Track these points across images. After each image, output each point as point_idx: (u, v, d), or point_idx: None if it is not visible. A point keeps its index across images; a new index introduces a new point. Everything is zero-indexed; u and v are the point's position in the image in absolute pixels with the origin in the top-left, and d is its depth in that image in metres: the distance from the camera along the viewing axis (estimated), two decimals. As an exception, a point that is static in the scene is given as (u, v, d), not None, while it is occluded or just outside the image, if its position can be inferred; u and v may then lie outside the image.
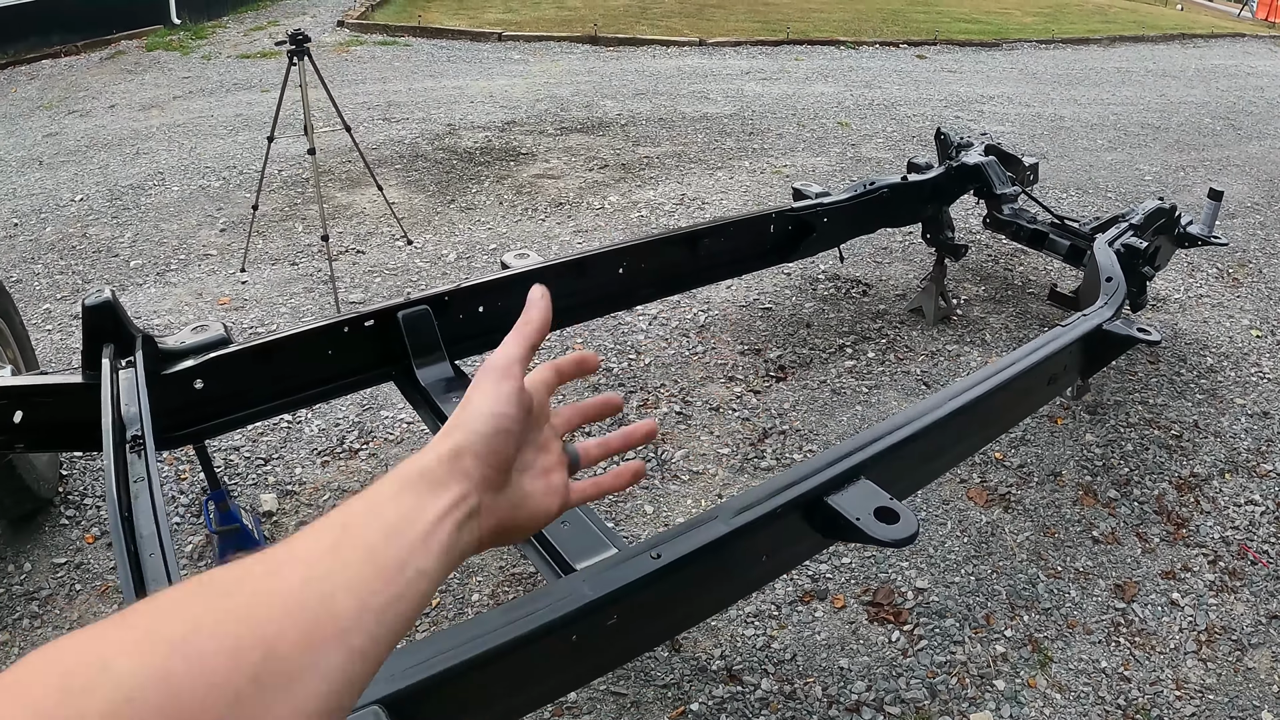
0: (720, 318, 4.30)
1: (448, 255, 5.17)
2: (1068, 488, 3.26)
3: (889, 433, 2.12)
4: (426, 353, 2.60)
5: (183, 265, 5.11)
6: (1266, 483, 3.42)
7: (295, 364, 2.42)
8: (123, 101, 8.84)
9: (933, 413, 2.21)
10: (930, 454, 2.29)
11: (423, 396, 2.53)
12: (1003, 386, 2.42)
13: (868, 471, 2.00)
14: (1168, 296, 4.92)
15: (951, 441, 2.34)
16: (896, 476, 2.18)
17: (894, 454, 2.10)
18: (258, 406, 2.40)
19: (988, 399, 2.38)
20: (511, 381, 0.67)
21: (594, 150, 6.86)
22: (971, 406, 2.31)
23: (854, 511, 1.87)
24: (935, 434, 2.22)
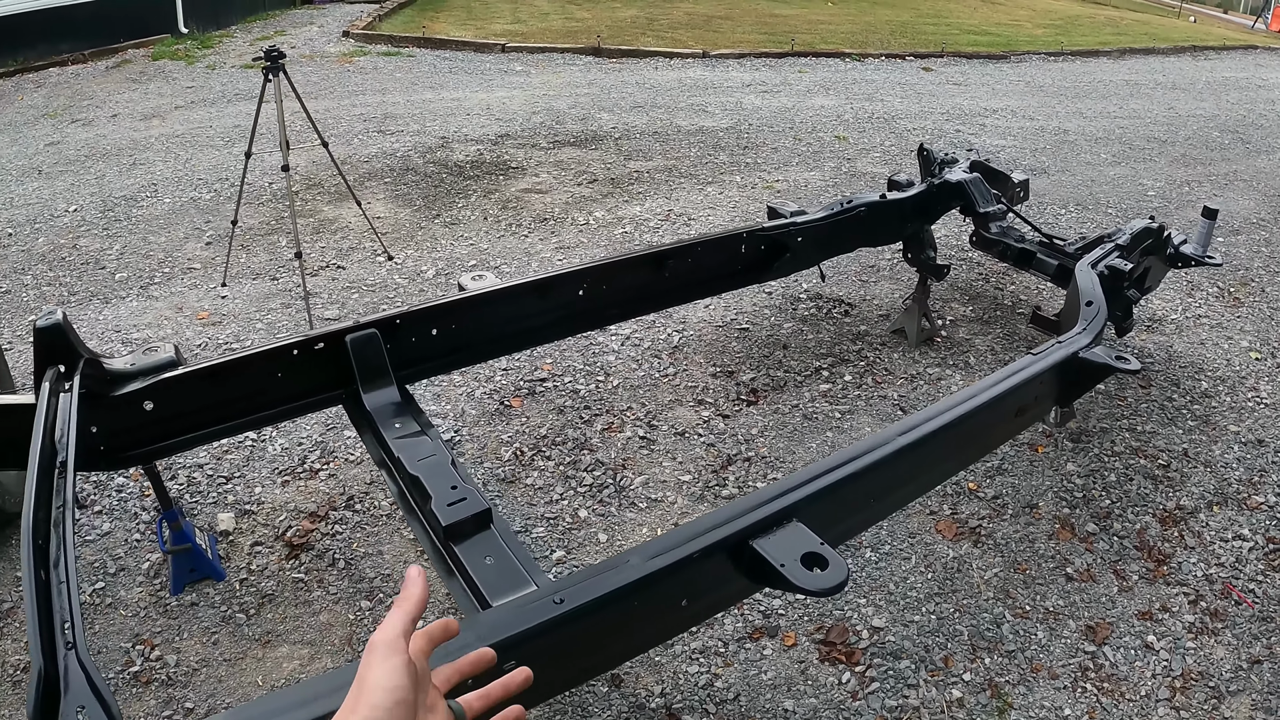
0: (695, 338, 4.19)
1: (427, 271, 5.10)
2: (1044, 520, 3.13)
3: (826, 472, 2.00)
4: (374, 377, 2.53)
5: (166, 279, 5.08)
6: (1257, 516, 3.27)
7: (245, 386, 2.37)
8: (125, 111, 8.87)
9: (877, 451, 2.09)
10: (876, 493, 2.17)
11: (368, 422, 2.45)
12: (960, 422, 2.30)
13: (801, 513, 1.89)
14: (1164, 317, 4.77)
15: (900, 480, 2.22)
16: (835, 518, 2.07)
17: (831, 495, 1.98)
18: (208, 428, 2.36)
19: (942, 435, 2.26)
20: (400, 655, 0.74)
21: (585, 164, 6.78)
22: (922, 444, 2.19)
23: (779, 557, 1.76)
24: (880, 473, 2.11)
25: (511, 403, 3.80)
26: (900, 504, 2.41)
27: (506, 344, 3.02)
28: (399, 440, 2.32)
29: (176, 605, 2.61)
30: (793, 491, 1.93)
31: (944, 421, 2.25)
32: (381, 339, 2.54)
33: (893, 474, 2.17)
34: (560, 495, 3.25)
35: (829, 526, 2.02)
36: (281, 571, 2.78)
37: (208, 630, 2.53)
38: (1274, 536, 3.16)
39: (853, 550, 2.94)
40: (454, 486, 2.06)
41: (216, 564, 2.73)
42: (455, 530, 1.94)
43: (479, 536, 1.96)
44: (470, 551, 1.93)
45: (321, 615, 2.62)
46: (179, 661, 2.45)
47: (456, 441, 3.56)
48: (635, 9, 15.28)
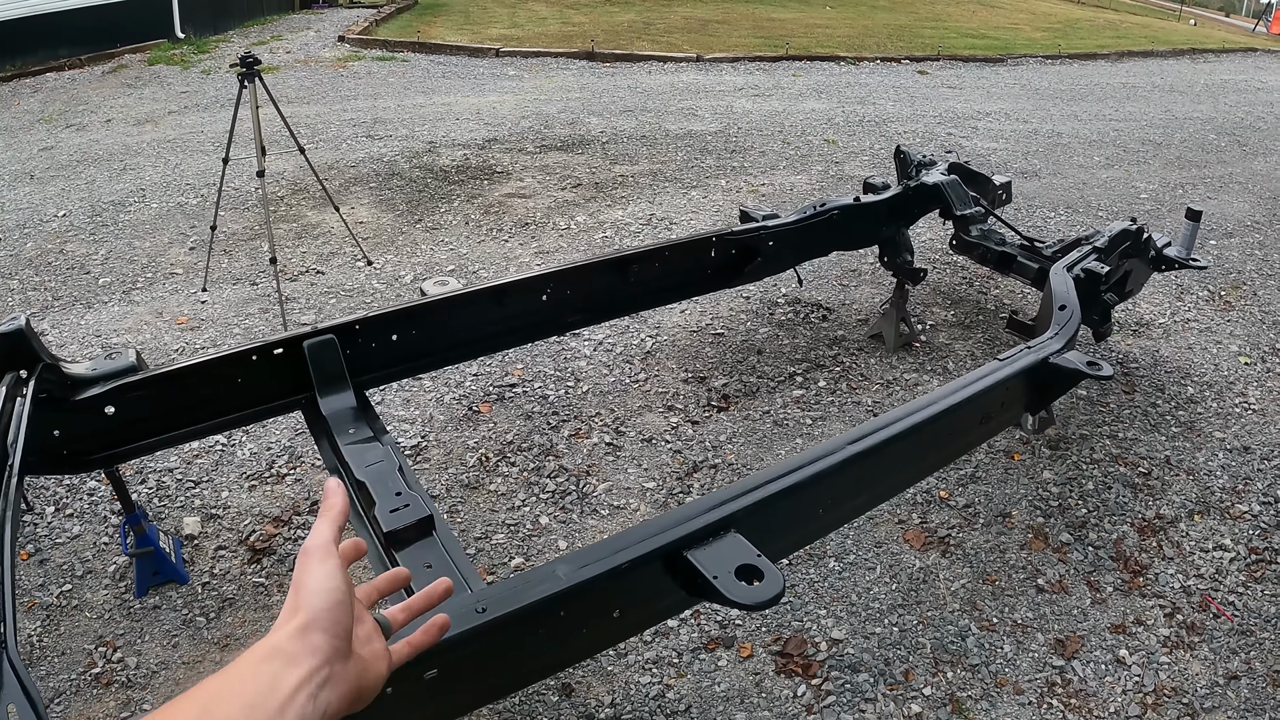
0: (668, 343, 4.12)
1: (405, 277, 5.04)
2: (1016, 530, 3.04)
3: (768, 482, 1.93)
4: (331, 383, 2.50)
5: (148, 284, 5.05)
6: (1240, 526, 3.17)
7: (205, 391, 2.36)
8: (119, 116, 8.88)
9: (823, 460, 2.02)
10: (825, 504, 2.09)
11: (323, 428, 2.40)
12: (916, 430, 2.22)
13: (740, 524, 1.82)
14: (1152, 321, 4.68)
15: (851, 491, 2.14)
16: (779, 530, 1.99)
17: (772, 506, 1.91)
18: (169, 433, 2.35)
19: (897, 444, 2.18)
20: (332, 559, 0.76)
21: (570, 169, 6.72)
22: (874, 453, 2.12)
23: (713, 569, 1.70)
24: (827, 484, 2.03)
25: (480, 408, 3.74)
26: (854, 515, 2.32)
27: (467, 350, 2.98)
28: (350, 446, 2.27)
29: (140, 608, 2.61)
30: (732, 501, 1.86)
31: (898, 430, 2.17)
32: (339, 344, 2.51)
33: (842, 484, 2.09)
34: (522, 502, 3.18)
35: (772, 538, 1.95)
36: (243, 576, 2.77)
37: (169, 633, 2.53)
38: (1257, 547, 3.07)
39: (816, 559, 2.86)
40: (398, 493, 2.02)
41: (180, 567, 2.72)
42: (396, 536, 1.90)
43: (421, 543, 1.92)
44: (411, 558, 1.89)
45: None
46: (139, 664, 2.44)
47: (423, 447, 3.50)
48: (633, 13, 15.26)
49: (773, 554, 2.08)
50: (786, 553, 2.14)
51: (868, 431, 2.13)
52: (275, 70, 10.84)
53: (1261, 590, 2.89)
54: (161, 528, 2.91)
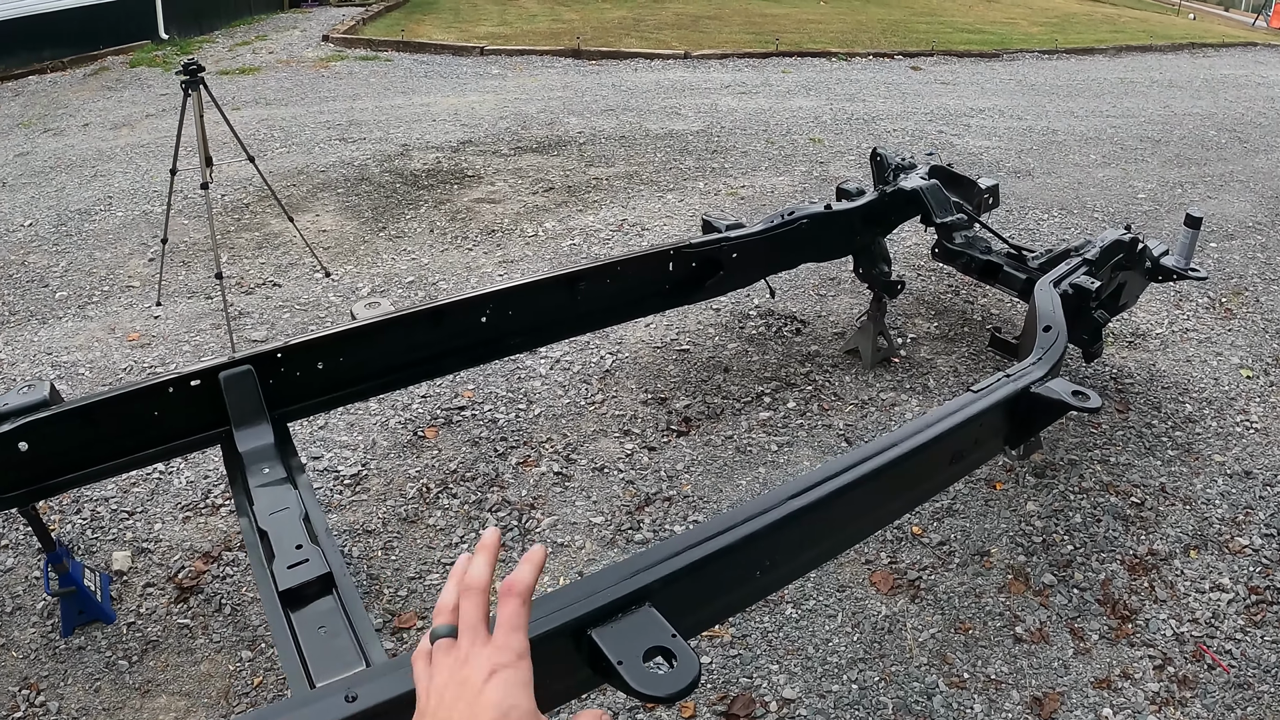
0: (630, 361, 3.87)
1: (362, 289, 4.81)
2: (995, 570, 2.78)
3: (691, 546, 1.68)
4: (247, 417, 2.33)
5: (104, 297, 4.85)
6: (1239, 562, 2.91)
7: (121, 425, 2.24)
8: (97, 120, 8.69)
9: (760, 518, 1.77)
10: (761, 565, 1.84)
11: (238, 466, 2.23)
12: (874, 476, 1.97)
13: (656, 596, 1.58)
14: (1148, 331, 4.41)
15: (793, 549, 1.88)
16: (706, 598, 1.75)
17: (697, 573, 1.66)
18: (86, 469, 2.24)
19: (851, 493, 1.93)
20: None
21: (544, 172, 6.47)
22: (823, 506, 1.87)
23: (619, 651, 1.46)
24: (764, 544, 1.78)
25: (426, 433, 3.50)
26: (803, 571, 2.08)
27: (401, 377, 2.80)
28: (260, 488, 2.11)
29: (65, 648, 2.49)
30: (646, 571, 1.61)
31: (850, 479, 1.92)
32: (257, 375, 2.35)
33: (783, 543, 1.85)
34: (461, 538, 2.96)
35: (695, 609, 1.72)
36: (169, 616, 2.62)
37: (91, 676, 2.41)
38: (1257, 586, 2.81)
39: (772, 606, 2.61)
40: (299, 545, 1.85)
41: (106, 606, 2.61)
42: (292, 595, 1.74)
43: (318, 603, 1.75)
44: (305, 619, 1.72)
45: (202, 665, 2.46)
46: (61, 709, 2.33)
47: (363, 476, 3.28)
48: (624, 10, 14.99)
49: (700, 624, 1.85)
50: (721, 619, 1.90)
51: (813, 482, 1.88)
52: (256, 71, 10.61)
53: (1261, 636, 2.63)
54: (93, 562, 2.79)
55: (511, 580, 0.72)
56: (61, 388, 3.84)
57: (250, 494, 2.08)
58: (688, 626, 1.76)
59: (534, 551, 0.75)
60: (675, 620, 1.55)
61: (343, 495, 3.19)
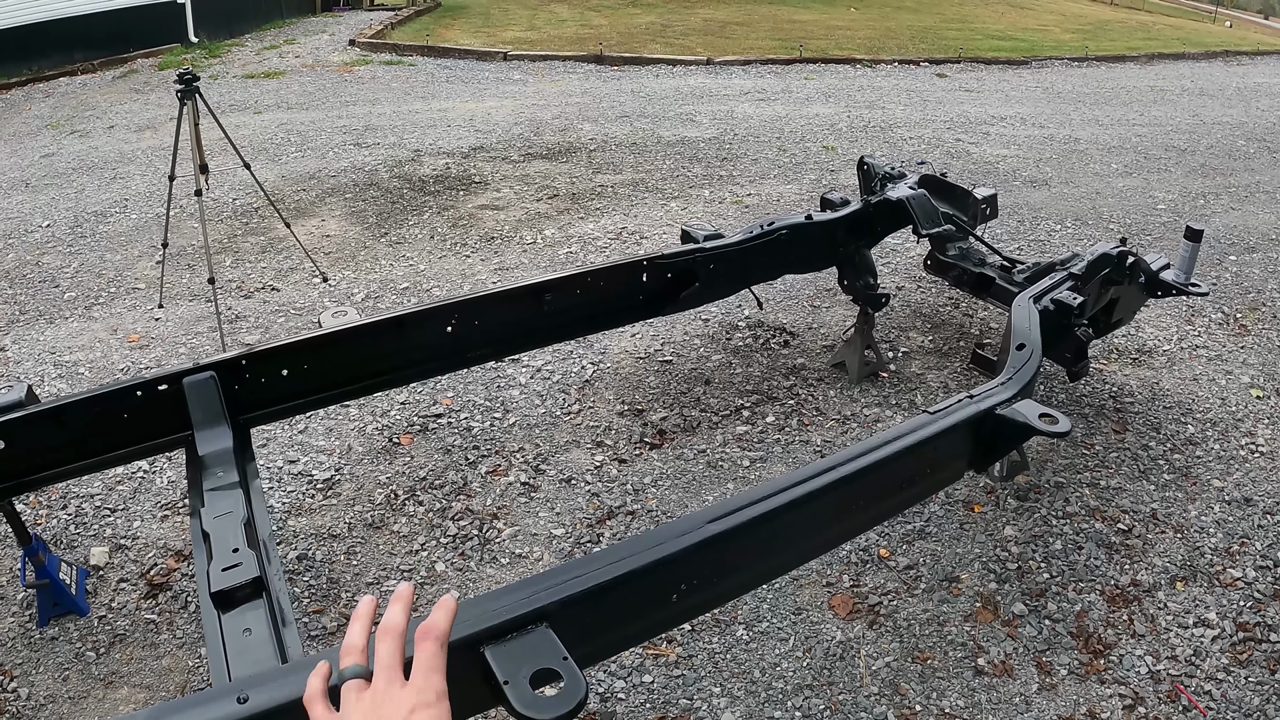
0: (610, 371, 3.81)
1: (357, 295, 4.81)
2: (963, 597, 2.68)
3: (599, 567, 1.63)
4: (208, 423, 2.36)
5: (110, 299, 4.93)
6: (1229, 595, 2.77)
7: (92, 427, 2.30)
8: (122, 122, 8.86)
9: (673, 543, 1.70)
10: (677, 590, 1.77)
11: (197, 469, 2.25)
12: (806, 501, 1.89)
13: (554, 618, 1.54)
14: (1155, 348, 4.26)
15: (712, 575, 1.81)
16: (613, 622, 1.69)
17: (601, 596, 1.61)
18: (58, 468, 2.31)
19: (779, 518, 1.86)
20: None
21: (550, 178, 6.44)
22: (744, 532, 1.80)
23: (507, 670, 1.44)
24: (679, 568, 1.72)
25: (401, 439, 3.48)
26: (733, 595, 2.00)
27: (365, 385, 2.78)
28: (212, 492, 2.14)
29: (40, 638, 2.55)
30: (546, 591, 1.57)
31: (778, 504, 1.85)
32: (219, 382, 2.39)
33: (703, 567, 1.78)
34: (421, 545, 2.94)
35: (600, 632, 1.67)
36: (137, 611, 2.66)
37: (61, 666, 2.47)
38: (1246, 622, 2.67)
39: (723, 626, 2.54)
40: (235, 549, 1.87)
41: (80, 599, 2.68)
42: (223, 596, 1.76)
43: (247, 606, 1.78)
44: (233, 621, 1.75)
45: (164, 659, 2.50)
46: (30, 695, 2.38)
47: (336, 481, 3.27)
48: (654, 15, 14.98)
49: (608, 647, 1.80)
50: (634, 642, 1.83)
51: (735, 506, 1.81)
52: (281, 75, 10.76)
53: (1245, 676, 2.50)
54: (73, 557, 2.83)
55: (428, 625, 0.74)
56: (61, 387, 3.90)
57: (201, 497, 2.11)
58: (593, 650, 1.71)
59: (447, 600, 0.76)
60: (578, 643, 1.52)
61: (314, 499, 3.19)
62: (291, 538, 3.03)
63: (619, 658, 2.43)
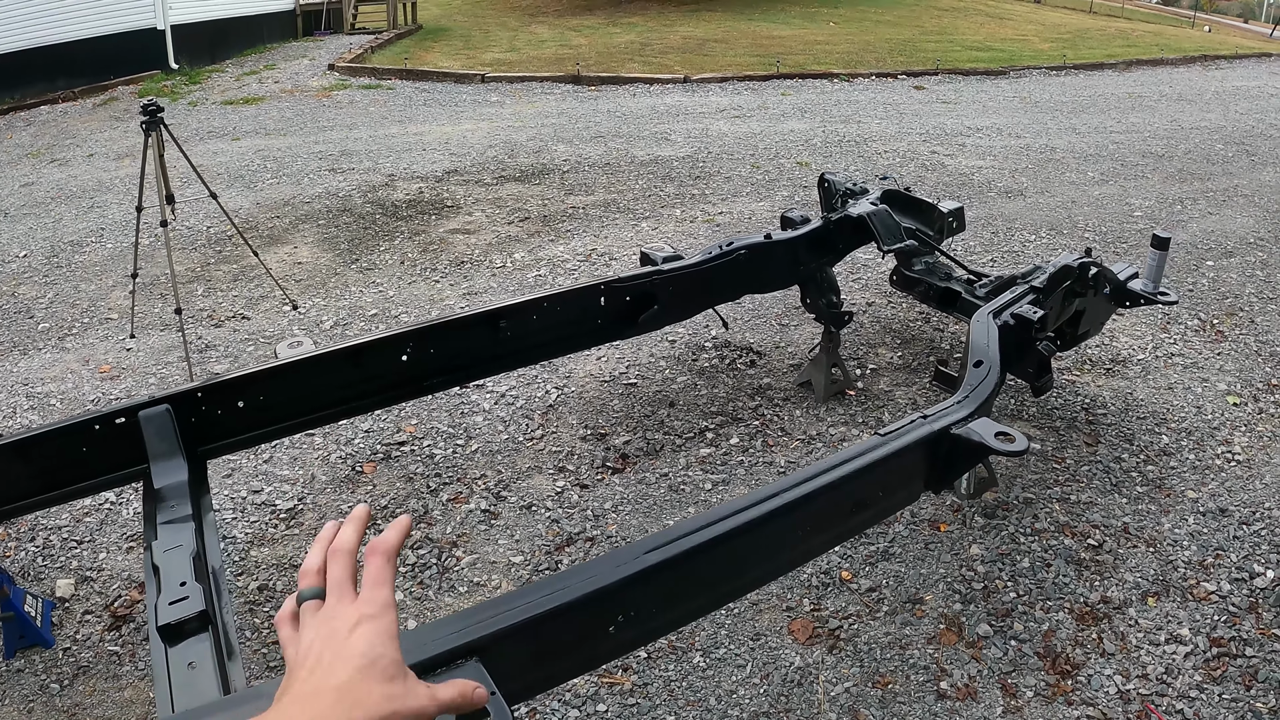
0: (575, 395, 3.75)
1: (325, 323, 4.76)
2: (926, 619, 2.61)
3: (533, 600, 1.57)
4: (164, 455, 2.33)
5: (84, 329, 4.89)
6: (1203, 610, 2.71)
7: (51, 461, 2.27)
8: (101, 150, 8.85)
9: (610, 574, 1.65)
10: (614, 622, 1.71)
11: (151, 504, 2.22)
12: (749, 529, 1.84)
13: (487, 652, 1.49)
14: (1129, 357, 4.21)
15: (653, 605, 1.75)
16: (545, 655, 1.63)
17: (535, 629, 1.56)
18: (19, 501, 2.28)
19: (720, 548, 1.80)
20: None
21: (522, 201, 6.41)
22: (686, 560, 1.74)
23: None
24: (615, 600, 1.66)
25: (364, 468, 3.43)
26: (670, 628, 1.94)
27: (322, 416, 2.76)
28: (165, 525, 2.12)
29: (6, 670, 2.54)
30: (478, 625, 1.52)
31: (721, 532, 1.79)
32: (174, 415, 2.36)
33: (639, 600, 1.72)
34: None
35: (535, 665, 1.61)
36: (101, 643, 2.63)
37: (26, 698, 2.46)
38: (1221, 637, 2.61)
39: (679, 653, 2.47)
40: (183, 582, 1.85)
41: (45, 631, 2.68)
42: (169, 630, 1.74)
43: (193, 639, 1.76)
44: (179, 654, 1.73)
45: (126, 691, 2.47)
46: None
47: (299, 510, 3.23)
48: (634, 34, 15.04)
49: (544, 680, 1.74)
50: (571, 675, 1.78)
51: (675, 535, 1.75)
52: (260, 101, 10.75)
53: (1220, 693, 2.43)
54: (40, 589, 2.83)
55: (377, 541, 0.75)
56: (33, 419, 3.88)
57: (156, 529, 2.09)
58: (528, 684, 1.65)
59: (402, 519, 0.80)
60: (511, 677, 1.47)
61: (277, 529, 3.15)
62: (254, 568, 2.98)
63: (572, 686, 2.37)
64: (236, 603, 2.84)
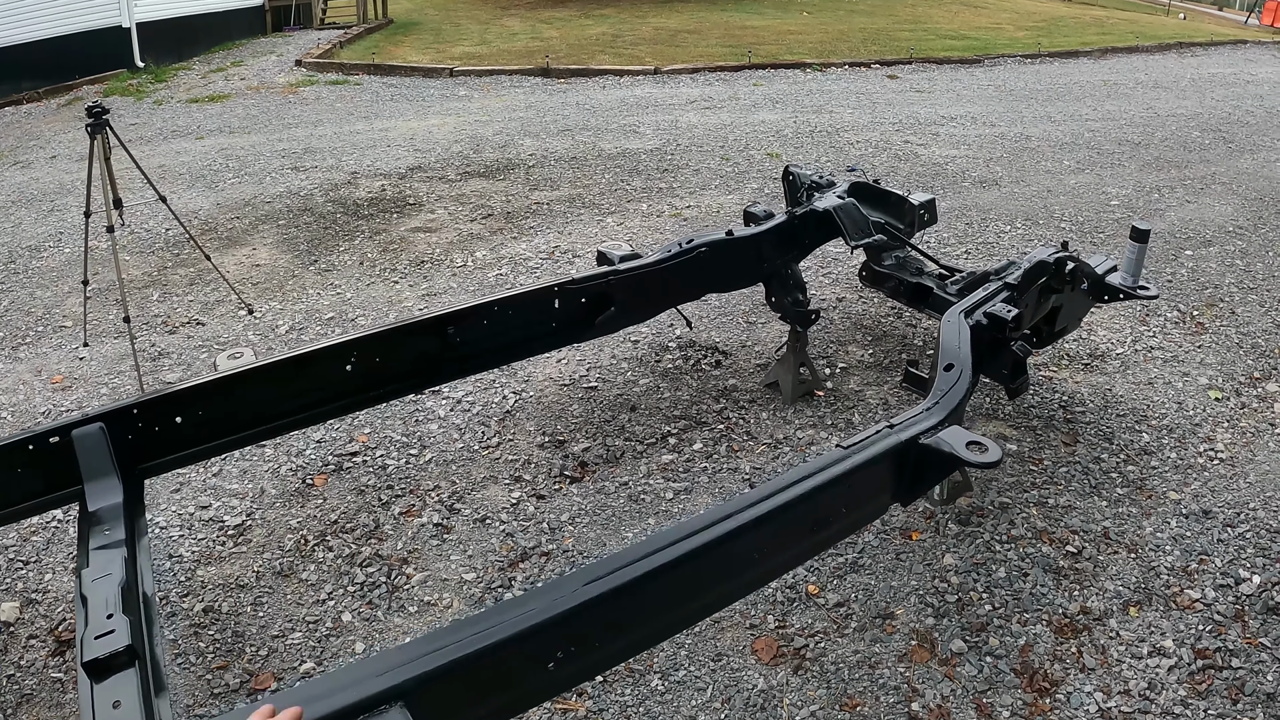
0: (533, 400, 3.59)
1: (281, 327, 4.58)
2: (897, 636, 2.47)
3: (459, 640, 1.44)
4: (98, 476, 2.25)
5: (38, 338, 4.71)
6: (1187, 619, 2.59)
7: None
8: (64, 152, 8.59)
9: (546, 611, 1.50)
10: (553, 658, 1.56)
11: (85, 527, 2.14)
12: (697, 555, 1.69)
13: (412, 696, 1.37)
14: (1108, 351, 4.10)
15: (594, 639, 1.61)
16: (476, 696, 1.49)
17: (464, 669, 1.42)
18: None
19: (666, 577, 1.66)
20: None
21: (486, 197, 6.22)
22: (630, 591, 1.60)
23: None
24: (552, 635, 1.53)
25: (315, 480, 3.27)
26: (616, 660, 1.79)
27: (266, 429, 2.66)
28: (97, 551, 2.03)
29: None
30: (402, 668, 1.39)
31: (666, 560, 1.65)
32: (107, 433, 2.27)
33: (582, 631, 1.58)
34: (329, 594, 2.74)
35: (462, 709, 1.48)
36: (45, 670, 2.52)
37: None
38: (1206, 648, 2.49)
39: (637, 676, 2.33)
40: (110, 615, 1.77)
41: None
42: (94, 666, 1.67)
43: (119, 676, 1.68)
44: (105, 692, 1.66)
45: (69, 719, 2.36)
46: None
47: (247, 526, 3.08)
48: (605, 25, 14.83)
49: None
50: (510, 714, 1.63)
51: (615, 566, 1.60)
52: (225, 98, 10.49)
53: (1205, 709, 2.31)
54: None
55: None
56: (-15, 432, 3.68)
57: (88, 555, 2.01)
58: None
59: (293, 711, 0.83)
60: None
61: (224, 546, 3.01)
62: (199, 588, 2.83)
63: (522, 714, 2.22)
64: (181, 625, 2.67)
